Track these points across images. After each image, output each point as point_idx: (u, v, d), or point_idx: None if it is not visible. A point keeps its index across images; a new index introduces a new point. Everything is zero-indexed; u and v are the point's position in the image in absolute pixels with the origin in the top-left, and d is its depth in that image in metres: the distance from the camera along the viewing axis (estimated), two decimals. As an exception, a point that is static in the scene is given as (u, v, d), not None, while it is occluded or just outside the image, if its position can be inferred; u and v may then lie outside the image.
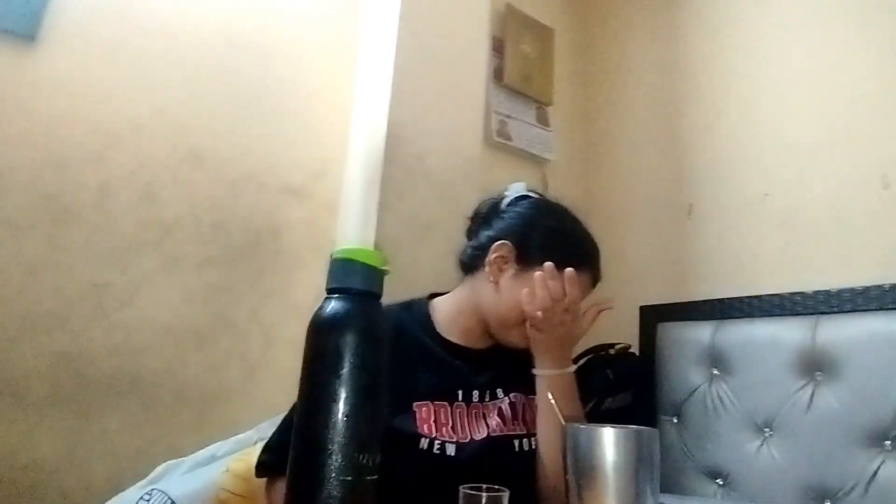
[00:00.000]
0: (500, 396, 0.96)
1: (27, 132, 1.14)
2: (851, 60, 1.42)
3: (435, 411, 0.89)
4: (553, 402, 0.82)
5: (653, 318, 1.61)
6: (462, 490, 0.59)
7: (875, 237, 1.31)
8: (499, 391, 0.97)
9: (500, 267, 0.96)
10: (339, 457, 0.52)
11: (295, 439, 0.55)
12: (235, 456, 1.03)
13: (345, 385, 0.54)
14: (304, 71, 1.51)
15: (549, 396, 0.84)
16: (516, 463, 0.92)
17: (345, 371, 0.54)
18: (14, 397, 1.08)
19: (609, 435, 0.67)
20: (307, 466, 0.53)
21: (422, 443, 0.86)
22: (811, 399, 1.25)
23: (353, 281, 0.59)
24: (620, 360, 1.54)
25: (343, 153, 1.53)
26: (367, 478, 0.53)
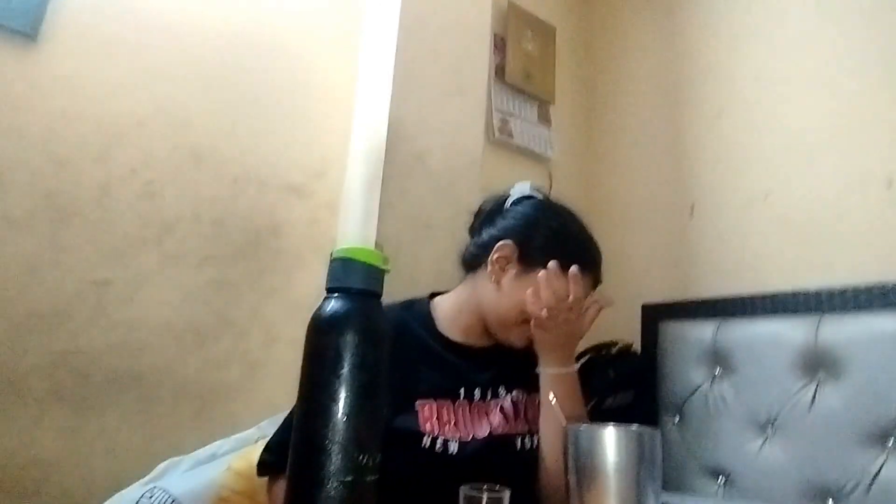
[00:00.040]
0: (501, 394, 0.97)
1: (28, 130, 1.14)
2: (854, 59, 1.41)
3: (437, 409, 0.89)
4: (555, 404, 0.82)
5: (654, 316, 1.60)
6: (463, 490, 0.59)
7: (878, 236, 1.30)
8: (500, 389, 0.97)
9: (502, 267, 0.96)
10: (338, 457, 0.52)
11: (295, 439, 0.55)
12: (237, 454, 1.03)
13: (344, 385, 0.54)
14: (305, 69, 1.51)
15: (552, 397, 0.84)
16: (518, 461, 0.92)
17: (345, 370, 0.54)
18: (15, 395, 1.08)
19: (610, 434, 0.67)
20: (307, 466, 0.53)
21: (424, 441, 0.86)
22: (813, 398, 1.24)
23: (353, 280, 0.59)
24: (622, 359, 1.54)
25: (344, 152, 1.53)
26: (367, 478, 0.53)
